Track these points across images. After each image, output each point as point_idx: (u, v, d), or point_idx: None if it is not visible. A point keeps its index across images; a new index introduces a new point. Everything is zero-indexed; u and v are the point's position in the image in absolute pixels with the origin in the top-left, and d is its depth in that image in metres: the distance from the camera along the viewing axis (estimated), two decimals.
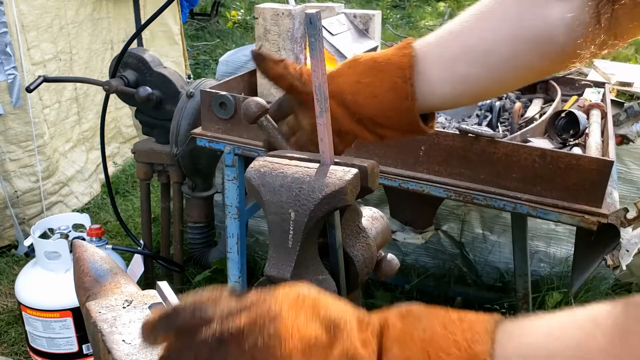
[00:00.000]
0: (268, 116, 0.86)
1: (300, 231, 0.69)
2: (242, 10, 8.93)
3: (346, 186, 0.68)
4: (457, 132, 1.66)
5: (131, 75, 2.59)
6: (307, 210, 0.68)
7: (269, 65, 0.86)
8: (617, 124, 2.23)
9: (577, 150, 1.74)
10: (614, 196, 1.62)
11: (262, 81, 2.03)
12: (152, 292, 0.81)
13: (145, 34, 4.11)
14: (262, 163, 0.74)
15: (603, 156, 1.60)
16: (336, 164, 0.73)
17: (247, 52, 2.96)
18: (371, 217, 0.85)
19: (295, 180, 0.70)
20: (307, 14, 0.68)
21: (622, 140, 2.23)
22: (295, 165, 0.73)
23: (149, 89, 2.51)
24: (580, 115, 1.82)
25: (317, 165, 0.73)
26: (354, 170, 0.70)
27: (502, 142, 1.61)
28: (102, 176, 3.70)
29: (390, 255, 0.85)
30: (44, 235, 2.42)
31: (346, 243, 0.78)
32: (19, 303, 2.29)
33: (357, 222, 0.80)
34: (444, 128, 2.00)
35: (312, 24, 0.69)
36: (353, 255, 0.78)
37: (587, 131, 1.83)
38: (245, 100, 0.82)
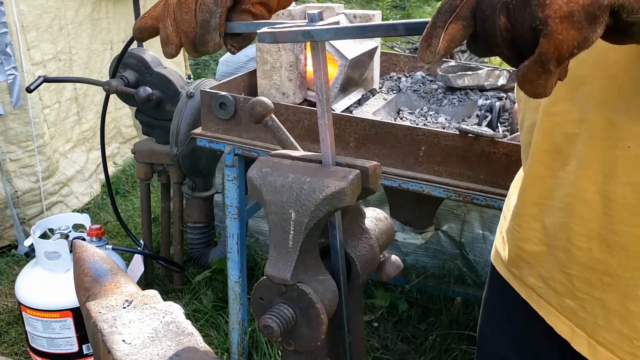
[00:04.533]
0: (273, 115, 0.86)
1: (301, 231, 0.69)
2: None
3: (347, 187, 0.67)
4: (457, 132, 1.65)
5: (131, 75, 2.59)
6: (307, 210, 0.68)
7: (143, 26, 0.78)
8: None
9: None
10: None
11: (262, 81, 2.03)
12: (152, 292, 0.80)
13: None
14: (264, 163, 0.74)
15: None
16: (337, 164, 0.73)
17: (248, 52, 2.95)
18: (375, 218, 0.85)
19: (296, 181, 0.70)
20: (308, 14, 0.68)
21: None
22: (297, 165, 0.73)
23: (149, 89, 2.51)
24: None
25: (318, 165, 0.73)
26: (355, 171, 0.70)
27: (502, 142, 1.61)
28: (102, 176, 3.70)
29: (394, 257, 0.85)
30: (44, 236, 2.42)
31: (348, 244, 0.78)
32: (19, 303, 2.29)
33: (360, 223, 0.80)
34: (444, 128, 2.00)
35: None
36: (355, 256, 0.78)
37: None
38: (250, 100, 0.82)
